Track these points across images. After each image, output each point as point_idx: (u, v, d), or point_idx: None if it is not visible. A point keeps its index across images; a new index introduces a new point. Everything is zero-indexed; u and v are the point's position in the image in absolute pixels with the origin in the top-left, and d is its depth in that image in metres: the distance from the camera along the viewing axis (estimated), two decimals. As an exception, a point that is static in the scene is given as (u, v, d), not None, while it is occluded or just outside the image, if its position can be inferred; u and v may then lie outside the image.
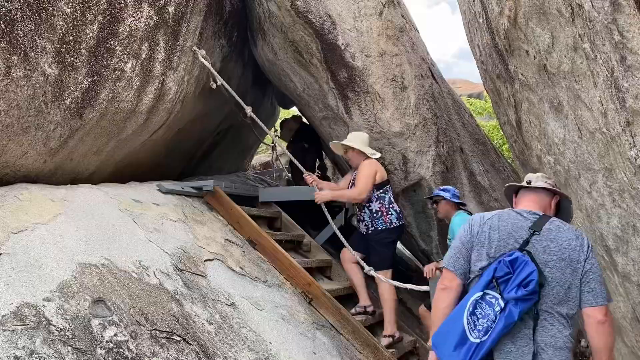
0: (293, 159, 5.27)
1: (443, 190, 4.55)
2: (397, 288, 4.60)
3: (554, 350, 2.14)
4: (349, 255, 4.75)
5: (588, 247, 2.26)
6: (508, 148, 8.82)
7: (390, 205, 4.70)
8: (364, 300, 4.79)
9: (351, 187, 4.81)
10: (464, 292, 2.35)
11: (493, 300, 2.15)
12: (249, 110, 5.14)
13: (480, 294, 2.18)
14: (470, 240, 2.36)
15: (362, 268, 4.60)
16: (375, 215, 4.66)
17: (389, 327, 4.56)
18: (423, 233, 5.57)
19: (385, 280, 4.45)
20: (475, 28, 4.38)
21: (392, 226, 4.66)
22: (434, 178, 5.13)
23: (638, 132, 2.26)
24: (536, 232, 2.27)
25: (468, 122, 6.23)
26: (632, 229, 2.66)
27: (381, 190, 4.69)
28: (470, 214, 4.51)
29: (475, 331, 2.14)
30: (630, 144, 2.34)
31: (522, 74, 3.42)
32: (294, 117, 7.53)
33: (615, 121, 2.40)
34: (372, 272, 4.48)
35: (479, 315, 2.16)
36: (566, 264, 2.21)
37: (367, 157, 4.76)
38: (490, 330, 2.11)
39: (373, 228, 4.68)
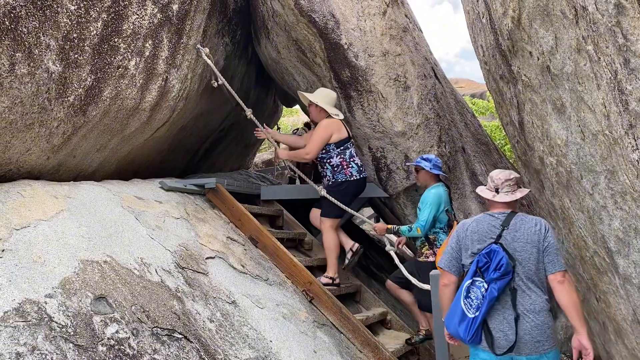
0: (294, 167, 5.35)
1: (425, 159, 4.54)
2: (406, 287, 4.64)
3: (534, 314, 2.82)
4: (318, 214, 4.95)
5: (545, 229, 2.93)
6: (510, 148, 8.81)
7: (352, 159, 4.83)
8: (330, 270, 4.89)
9: None
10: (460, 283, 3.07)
11: (480, 284, 2.85)
12: (249, 112, 5.13)
13: (470, 281, 2.90)
14: (458, 245, 3.04)
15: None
16: (336, 169, 4.80)
17: (331, 270, 4.79)
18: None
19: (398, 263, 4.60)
20: (478, 28, 4.38)
21: (352, 178, 4.80)
22: (436, 178, 5.13)
23: (641, 135, 2.26)
24: (505, 227, 2.95)
25: (470, 122, 6.22)
26: (634, 232, 2.66)
27: (341, 148, 4.80)
28: (448, 187, 4.62)
29: (471, 309, 2.85)
30: (633, 146, 2.34)
31: (525, 75, 3.42)
32: (305, 124, 7.73)
33: (618, 124, 2.40)
34: (392, 252, 4.71)
35: (472, 297, 2.86)
36: (531, 246, 2.88)
37: (328, 115, 4.83)
38: (480, 306, 2.82)
39: (333, 180, 4.82)
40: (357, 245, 4.93)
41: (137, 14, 4.04)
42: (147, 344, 2.91)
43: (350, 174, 4.79)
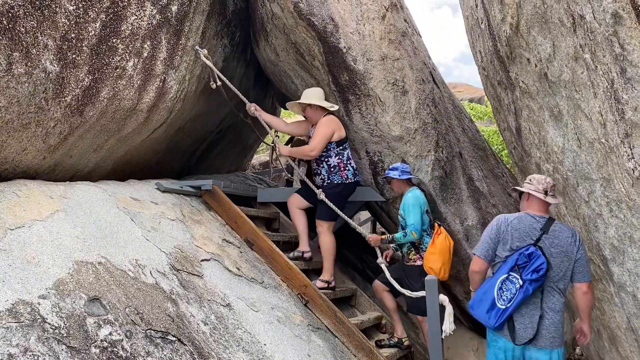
0: (294, 164, 5.32)
1: (392, 169, 4.69)
2: (392, 291, 4.62)
3: (553, 312, 3.12)
4: (298, 200, 5.02)
5: (579, 241, 3.18)
6: (507, 154, 8.82)
7: (348, 161, 4.88)
8: (303, 245, 4.99)
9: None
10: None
11: (515, 280, 3.11)
12: (252, 108, 5.12)
13: (505, 275, 3.16)
14: (497, 236, 3.26)
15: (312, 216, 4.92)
16: (332, 169, 4.83)
17: (327, 274, 4.81)
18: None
19: (388, 275, 4.55)
20: (477, 34, 4.39)
21: (347, 181, 4.85)
22: (433, 183, 5.13)
23: (637, 144, 2.27)
24: (545, 232, 3.17)
25: (468, 127, 6.23)
26: (629, 240, 2.67)
27: (341, 147, 4.86)
28: (422, 190, 4.73)
29: (501, 300, 3.14)
30: (628, 155, 2.34)
31: (522, 81, 3.43)
32: None
33: (614, 132, 2.40)
34: (382, 265, 4.67)
35: (505, 290, 3.14)
36: (564, 254, 3.14)
37: (326, 111, 4.88)
38: (512, 299, 3.09)
39: (329, 181, 4.85)
40: (309, 254, 4.99)
41: (136, 15, 4.03)
42: (140, 346, 2.90)
43: (346, 176, 4.83)
